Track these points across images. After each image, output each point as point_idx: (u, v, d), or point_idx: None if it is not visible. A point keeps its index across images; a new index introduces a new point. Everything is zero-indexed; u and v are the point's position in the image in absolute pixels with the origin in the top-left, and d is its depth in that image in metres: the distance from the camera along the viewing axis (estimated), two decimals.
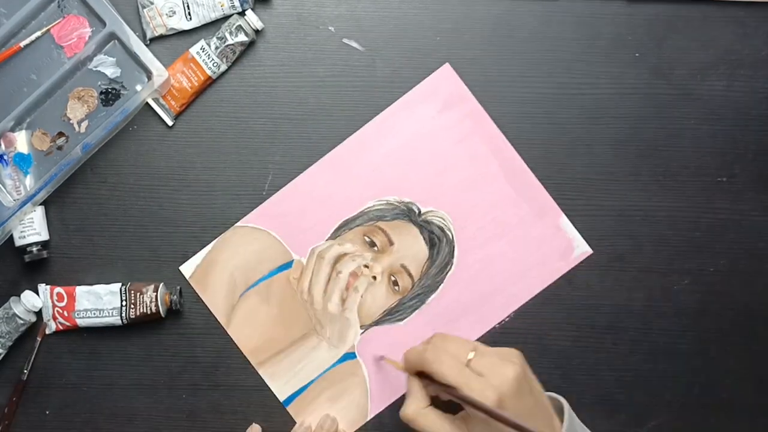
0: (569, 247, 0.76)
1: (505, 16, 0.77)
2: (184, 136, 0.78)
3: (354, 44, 0.77)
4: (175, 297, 0.76)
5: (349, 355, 0.77)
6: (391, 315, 0.77)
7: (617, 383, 0.77)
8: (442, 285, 0.77)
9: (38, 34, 0.76)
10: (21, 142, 0.76)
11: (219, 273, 0.77)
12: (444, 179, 0.77)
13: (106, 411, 0.78)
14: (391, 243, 0.77)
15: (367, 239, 0.77)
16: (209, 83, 0.77)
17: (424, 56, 0.77)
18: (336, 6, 0.78)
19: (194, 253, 0.77)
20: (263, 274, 0.77)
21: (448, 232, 0.77)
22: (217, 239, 0.77)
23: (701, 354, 0.76)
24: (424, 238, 0.77)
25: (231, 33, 0.76)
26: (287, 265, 0.77)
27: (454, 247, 0.77)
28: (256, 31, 0.77)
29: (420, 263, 0.77)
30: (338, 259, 0.77)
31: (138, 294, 0.75)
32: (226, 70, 0.77)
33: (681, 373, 0.76)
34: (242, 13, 0.76)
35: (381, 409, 0.77)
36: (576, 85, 0.77)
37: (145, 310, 0.75)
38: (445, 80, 0.77)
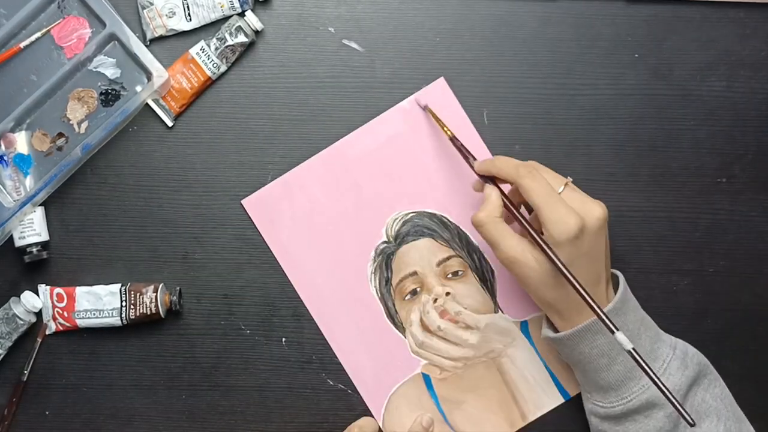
0: None
1: (504, 17, 0.77)
2: (184, 136, 0.78)
3: (354, 45, 0.78)
4: (175, 298, 0.76)
5: (524, 327, 0.77)
6: (485, 279, 0.77)
7: None
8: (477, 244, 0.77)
9: (38, 35, 0.76)
10: (21, 142, 0.76)
11: None
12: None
13: (106, 411, 0.78)
14: (414, 273, 0.76)
15: (407, 297, 0.77)
16: (209, 84, 0.77)
17: (424, 57, 0.77)
18: (336, 7, 0.78)
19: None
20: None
21: (424, 218, 0.77)
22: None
23: None
24: (416, 237, 0.77)
25: (231, 34, 0.76)
26: None
27: (441, 218, 0.77)
28: (256, 32, 0.77)
29: (440, 250, 0.76)
30: (426, 328, 0.76)
31: (138, 294, 0.75)
32: (226, 71, 0.77)
33: None
34: (242, 14, 0.76)
35: None
36: (575, 85, 0.77)
37: (144, 311, 0.75)
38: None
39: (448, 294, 0.76)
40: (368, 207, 0.77)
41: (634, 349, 0.58)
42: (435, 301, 0.76)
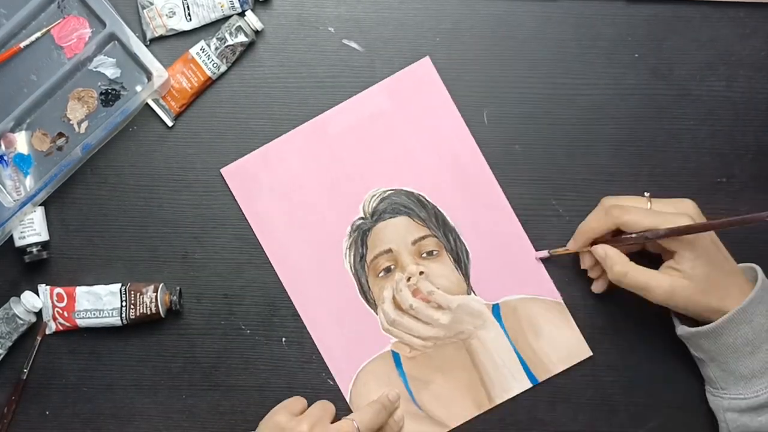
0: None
1: (504, 17, 0.77)
2: (184, 136, 0.78)
3: (353, 45, 0.77)
4: (175, 297, 0.76)
5: (496, 310, 0.77)
6: (460, 260, 0.77)
7: (617, 383, 0.77)
8: (455, 226, 0.77)
9: (38, 34, 0.76)
10: (21, 142, 0.76)
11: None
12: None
13: (106, 411, 0.78)
14: (389, 250, 0.77)
15: (381, 274, 0.77)
16: (209, 84, 0.77)
17: (424, 57, 0.77)
18: (336, 6, 0.78)
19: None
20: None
21: (401, 196, 0.77)
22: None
23: None
24: (393, 215, 0.77)
25: (231, 34, 0.76)
26: None
27: (419, 197, 0.77)
28: (256, 32, 0.77)
29: (416, 229, 0.77)
30: (397, 306, 0.77)
31: (138, 294, 0.75)
32: (226, 71, 0.77)
33: (680, 373, 0.76)
34: (242, 14, 0.76)
35: None
36: (576, 85, 0.77)
37: (144, 311, 0.75)
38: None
39: (421, 273, 0.76)
40: (347, 182, 0.77)
41: None
42: (408, 279, 0.76)
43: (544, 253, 0.75)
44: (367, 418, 0.72)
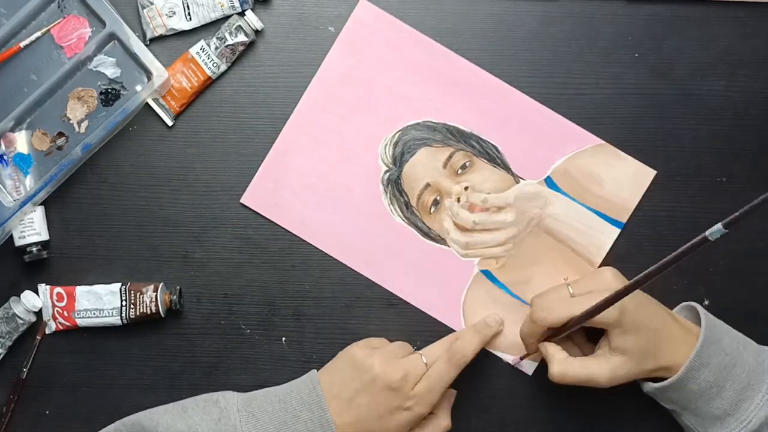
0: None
1: (504, 16, 0.77)
2: (184, 136, 0.78)
3: None
4: (175, 297, 0.76)
5: (550, 183, 0.77)
6: (492, 157, 0.77)
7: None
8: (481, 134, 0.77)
9: (38, 34, 0.76)
10: (21, 142, 0.76)
11: None
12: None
13: (107, 411, 0.78)
14: (427, 185, 0.77)
15: (432, 210, 0.77)
16: (209, 83, 0.77)
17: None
18: (336, 6, 0.78)
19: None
20: None
21: (410, 131, 0.77)
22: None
23: None
24: (413, 152, 0.77)
25: (231, 33, 0.76)
26: None
27: (426, 124, 0.77)
28: (256, 32, 0.77)
29: (439, 153, 0.77)
30: (462, 229, 0.77)
31: (138, 294, 0.75)
32: (226, 71, 0.77)
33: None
34: (242, 14, 0.76)
35: None
36: (575, 85, 0.77)
37: (145, 310, 0.75)
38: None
39: (466, 188, 0.77)
40: (355, 146, 0.77)
41: None
42: (458, 200, 0.77)
43: (516, 359, 0.76)
44: (435, 352, 0.71)
